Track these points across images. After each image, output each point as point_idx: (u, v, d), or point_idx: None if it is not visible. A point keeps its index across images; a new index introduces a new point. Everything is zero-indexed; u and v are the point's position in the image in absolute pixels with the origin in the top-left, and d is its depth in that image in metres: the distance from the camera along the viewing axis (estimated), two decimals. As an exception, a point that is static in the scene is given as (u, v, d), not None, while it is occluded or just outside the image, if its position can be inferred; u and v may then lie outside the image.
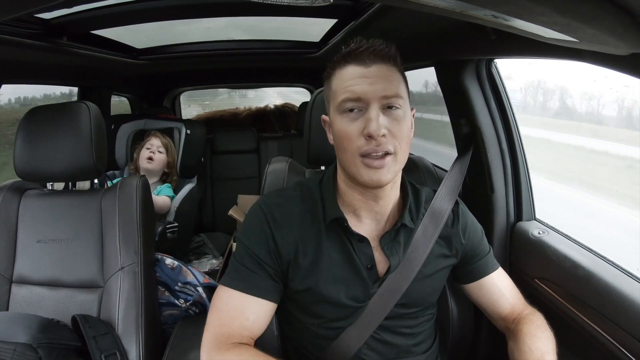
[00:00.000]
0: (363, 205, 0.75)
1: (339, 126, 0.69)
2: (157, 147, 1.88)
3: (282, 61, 2.13)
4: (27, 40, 1.15)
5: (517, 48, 0.82)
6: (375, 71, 0.68)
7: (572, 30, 0.45)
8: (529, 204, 1.10)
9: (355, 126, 0.67)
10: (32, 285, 1.07)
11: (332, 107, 0.72)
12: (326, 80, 0.74)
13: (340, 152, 0.71)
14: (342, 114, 0.69)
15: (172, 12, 1.29)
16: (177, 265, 1.24)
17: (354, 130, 0.67)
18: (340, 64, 0.70)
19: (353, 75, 0.68)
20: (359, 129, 0.67)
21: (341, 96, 0.68)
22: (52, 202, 1.13)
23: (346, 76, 0.69)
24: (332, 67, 0.73)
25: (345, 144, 0.68)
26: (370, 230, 0.76)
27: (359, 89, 0.67)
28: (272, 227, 0.74)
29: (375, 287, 0.74)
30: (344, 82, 0.69)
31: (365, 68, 0.68)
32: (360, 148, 0.67)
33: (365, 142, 0.66)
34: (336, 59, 0.72)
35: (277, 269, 0.74)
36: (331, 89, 0.72)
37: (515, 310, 0.82)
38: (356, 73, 0.68)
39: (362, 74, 0.68)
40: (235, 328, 0.70)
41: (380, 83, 0.67)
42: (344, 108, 0.68)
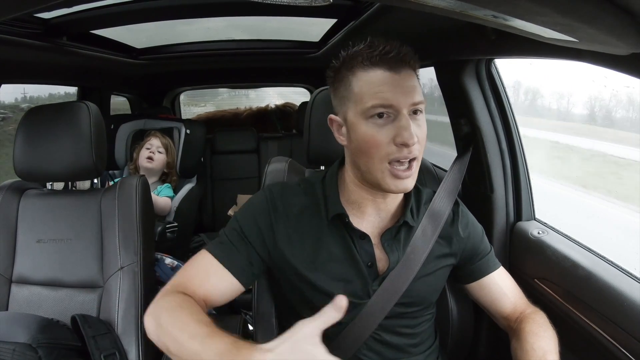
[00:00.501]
0: (369, 203, 0.75)
1: (365, 131, 0.67)
2: (157, 147, 1.88)
3: (282, 61, 2.13)
4: (27, 40, 1.15)
5: (517, 48, 0.82)
6: (405, 78, 0.67)
7: (572, 30, 0.45)
8: (529, 204, 1.10)
9: (384, 133, 0.66)
10: (31, 285, 1.07)
11: (353, 110, 0.69)
12: (339, 79, 0.72)
13: (363, 157, 0.69)
14: (368, 118, 0.67)
15: (172, 12, 1.29)
16: (177, 264, 1.24)
17: (383, 137, 0.66)
18: (364, 65, 0.68)
19: (383, 81, 0.67)
20: (389, 136, 0.66)
21: (370, 101, 0.66)
22: (51, 202, 1.13)
23: (375, 81, 0.67)
24: (349, 65, 0.70)
25: (373, 150, 0.67)
26: (372, 227, 0.76)
27: (391, 97, 0.66)
28: (272, 215, 0.75)
29: (375, 285, 0.74)
30: (373, 87, 0.67)
31: (396, 74, 0.67)
32: (390, 155, 0.67)
33: (395, 149, 0.66)
34: (355, 57, 0.69)
35: (263, 254, 0.75)
36: (352, 90, 0.69)
37: (517, 309, 0.82)
38: (386, 79, 0.67)
39: (393, 80, 0.67)
40: (193, 284, 0.70)
41: (410, 91, 0.67)
42: (372, 113, 0.67)
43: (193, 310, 0.63)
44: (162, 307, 0.66)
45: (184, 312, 0.63)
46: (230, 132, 2.72)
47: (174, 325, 0.61)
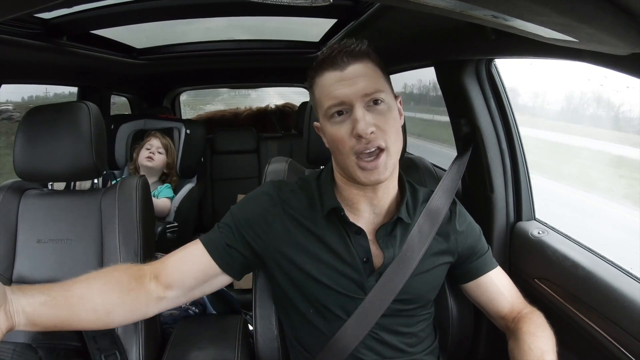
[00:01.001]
0: (361, 199, 0.77)
1: (330, 131, 0.72)
2: (157, 148, 1.88)
3: (282, 61, 2.13)
4: (27, 40, 1.15)
5: (517, 48, 0.82)
6: (351, 72, 0.70)
7: (572, 30, 0.45)
8: (529, 204, 1.10)
9: (344, 129, 0.70)
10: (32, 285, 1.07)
11: (320, 114, 0.74)
12: (310, 89, 0.77)
13: (336, 155, 0.74)
14: (329, 119, 0.71)
15: (172, 12, 1.29)
16: (177, 265, 1.24)
17: (343, 132, 0.70)
18: (318, 71, 0.73)
19: (331, 81, 0.70)
20: (348, 130, 0.69)
21: (325, 103, 0.71)
22: (51, 202, 1.13)
23: (326, 83, 0.71)
24: (312, 76, 0.75)
25: (339, 146, 0.71)
26: (368, 223, 0.77)
27: (339, 93, 0.69)
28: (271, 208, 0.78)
29: (371, 280, 0.75)
30: (325, 89, 0.71)
31: (341, 71, 0.70)
32: (353, 148, 0.69)
33: (356, 141, 0.69)
34: (314, 67, 0.74)
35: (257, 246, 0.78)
36: (315, 97, 0.75)
37: (514, 309, 0.82)
38: (334, 78, 0.70)
39: (339, 77, 0.70)
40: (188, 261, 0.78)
41: (359, 82, 0.69)
42: (330, 114, 0.71)
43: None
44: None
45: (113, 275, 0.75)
46: (230, 132, 2.72)
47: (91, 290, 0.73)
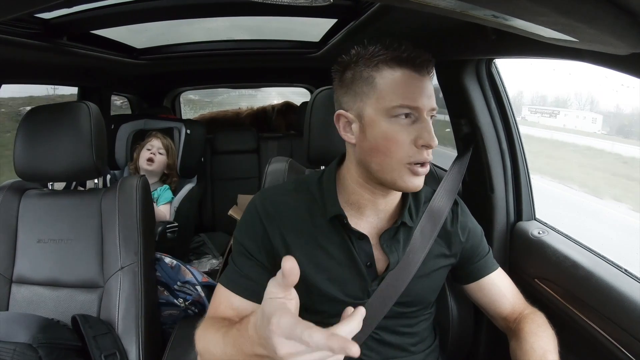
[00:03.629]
0: (369, 204, 0.75)
1: (387, 129, 0.67)
2: (158, 149, 1.88)
3: (282, 61, 2.13)
4: (27, 40, 1.15)
5: (517, 48, 0.82)
6: (428, 83, 0.69)
7: (572, 30, 0.45)
8: (529, 204, 1.10)
9: (407, 133, 0.67)
10: (32, 285, 1.07)
11: (374, 106, 0.68)
12: (359, 76, 0.70)
13: (379, 156, 0.69)
14: (392, 117, 0.67)
15: (173, 12, 1.29)
16: (176, 264, 1.25)
17: (405, 137, 0.67)
18: (391, 64, 0.68)
19: (411, 82, 0.67)
20: (411, 137, 0.67)
21: (397, 100, 0.66)
22: (52, 202, 1.13)
23: (403, 80, 0.67)
24: (373, 63, 0.69)
25: (393, 149, 0.67)
26: (371, 227, 0.76)
27: (418, 99, 0.67)
28: (264, 220, 0.75)
29: (374, 285, 0.74)
30: (400, 86, 0.67)
31: (422, 77, 0.68)
32: (411, 156, 0.67)
33: (416, 151, 0.67)
34: (378, 55, 0.68)
35: (266, 262, 0.75)
36: (374, 87, 0.68)
37: (516, 310, 0.82)
38: (414, 81, 0.67)
39: (420, 83, 0.68)
40: (221, 310, 0.73)
41: (432, 95, 0.69)
42: (398, 113, 0.67)
43: (215, 324, 0.67)
44: (197, 337, 0.69)
45: (208, 331, 0.67)
46: (230, 132, 2.72)
47: (205, 345, 0.65)
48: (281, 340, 0.44)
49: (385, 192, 0.73)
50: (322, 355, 0.44)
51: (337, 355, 0.43)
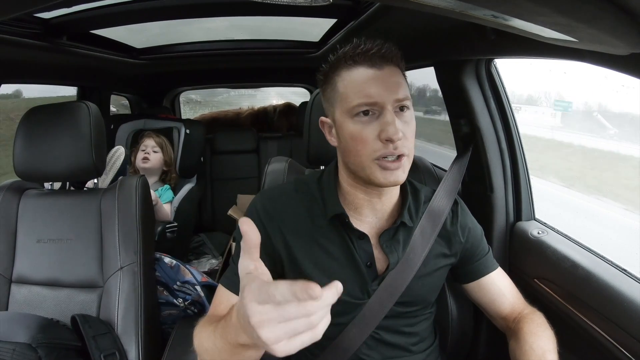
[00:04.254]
0: (365, 204, 0.75)
1: (351, 130, 0.68)
2: (152, 147, 1.89)
3: (282, 61, 2.13)
4: (27, 40, 1.15)
5: (517, 48, 0.82)
6: (387, 74, 0.67)
7: (572, 30, 0.45)
8: (529, 204, 1.10)
9: (370, 130, 0.66)
10: (31, 285, 1.07)
11: (340, 109, 0.70)
12: (327, 81, 0.72)
13: (351, 156, 0.69)
14: (354, 117, 0.67)
15: (172, 12, 1.29)
16: (176, 264, 1.25)
17: (368, 134, 0.66)
18: (347, 65, 0.69)
19: (366, 78, 0.67)
20: (375, 132, 0.66)
21: (355, 100, 0.67)
22: (51, 202, 1.13)
23: (358, 78, 0.67)
24: (335, 67, 0.70)
25: (359, 147, 0.67)
26: (371, 227, 0.76)
27: (374, 93, 0.66)
28: (265, 221, 0.75)
29: (375, 285, 0.74)
30: (356, 85, 0.67)
31: (378, 70, 0.67)
32: (377, 151, 0.66)
33: (381, 145, 0.66)
34: (340, 58, 0.69)
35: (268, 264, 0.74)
36: (337, 90, 0.70)
37: (515, 310, 0.82)
38: (369, 75, 0.67)
39: (375, 76, 0.67)
40: (221, 310, 0.72)
41: (393, 86, 0.67)
42: (357, 111, 0.67)
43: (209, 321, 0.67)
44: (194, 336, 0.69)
45: (203, 328, 0.66)
46: (230, 132, 2.72)
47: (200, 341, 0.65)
48: (253, 306, 0.42)
49: (378, 191, 0.73)
50: (295, 323, 0.41)
51: (312, 320, 0.41)
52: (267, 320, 0.41)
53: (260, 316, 0.42)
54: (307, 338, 0.42)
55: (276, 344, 0.42)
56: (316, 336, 0.43)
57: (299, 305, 0.41)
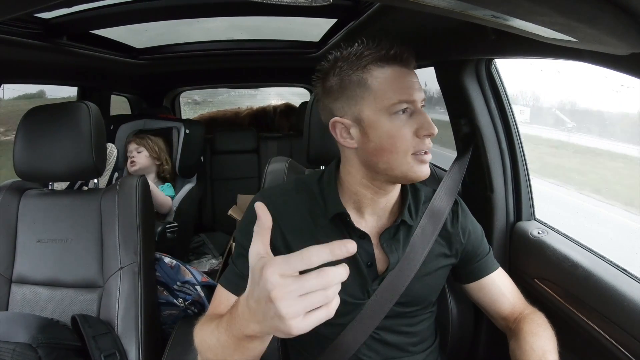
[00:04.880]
0: (369, 203, 0.75)
1: (389, 127, 0.68)
2: (135, 149, 1.89)
3: (282, 61, 2.13)
4: (27, 40, 1.15)
5: (517, 48, 0.82)
6: (414, 75, 0.71)
7: (572, 30, 0.45)
8: (529, 204, 1.10)
9: (408, 127, 0.68)
10: (31, 285, 1.07)
11: (373, 107, 0.68)
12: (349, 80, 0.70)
13: (384, 154, 0.69)
14: (392, 115, 0.68)
15: (173, 12, 1.29)
16: (176, 264, 1.24)
17: (407, 131, 0.68)
18: (380, 63, 0.69)
19: (403, 78, 0.69)
20: (412, 129, 0.68)
21: (394, 97, 0.68)
22: (51, 202, 1.13)
23: (395, 77, 0.69)
24: (361, 65, 0.69)
25: (398, 144, 0.68)
26: (371, 227, 0.76)
27: (412, 92, 0.68)
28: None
29: (375, 284, 0.74)
30: (394, 83, 0.68)
31: (409, 70, 0.70)
32: (415, 147, 0.69)
33: (419, 141, 0.68)
34: (366, 57, 0.69)
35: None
36: (369, 88, 0.68)
37: (516, 310, 0.82)
38: (405, 76, 0.69)
39: (410, 77, 0.70)
40: (220, 310, 0.72)
41: (420, 88, 0.70)
42: (398, 109, 0.68)
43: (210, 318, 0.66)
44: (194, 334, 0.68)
45: (204, 325, 0.66)
46: (230, 132, 2.72)
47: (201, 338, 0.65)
48: (275, 279, 0.43)
49: (388, 190, 0.74)
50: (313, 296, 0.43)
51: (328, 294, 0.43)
52: (287, 293, 0.43)
53: (281, 289, 0.43)
54: (323, 314, 0.44)
55: (294, 319, 0.43)
56: (330, 313, 0.44)
57: (319, 277, 0.43)
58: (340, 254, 0.43)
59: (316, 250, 0.43)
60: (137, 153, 1.89)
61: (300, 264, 0.43)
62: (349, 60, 0.70)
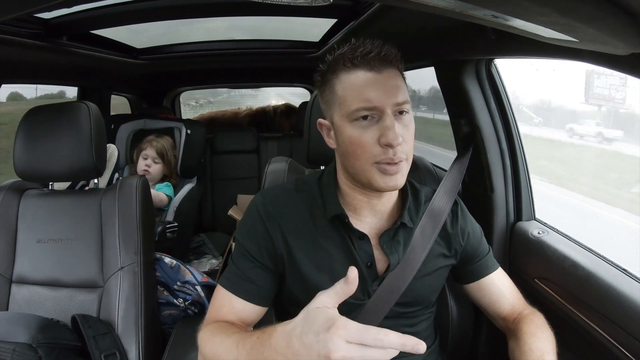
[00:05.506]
0: (365, 205, 0.75)
1: (351, 134, 0.67)
2: (153, 158, 1.88)
3: (282, 61, 2.13)
4: (27, 40, 1.15)
5: (517, 48, 0.82)
6: (386, 77, 0.66)
7: (572, 30, 0.45)
8: (529, 204, 1.10)
9: (369, 134, 0.66)
10: (31, 285, 1.07)
11: (339, 113, 0.69)
12: (325, 83, 0.71)
13: (351, 160, 0.69)
14: (353, 121, 0.66)
15: (172, 12, 1.29)
16: (176, 264, 1.24)
17: (368, 138, 0.65)
18: (347, 67, 0.67)
19: (365, 82, 0.66)
20: (374, 137, 0.65)
21: (354, 104, 0.66)
22: (51, 202, 1.13)
23: (357, 82, 0.66)
24: (333, 69, 0.69)
25: (359, 152, 0.66)
26: (370, 228, 0.76)
27: (374, 97, 0.65)
28: (265, 220, 0.74)
29: (375, 285, 0.74)
30: (355, 89, 0.66)
31: (377, 74, 0.66)
32: (377, 156, 0.66)
33: (381, 150, 0.65)
34: (338, 60, 0.68)
35: (269, 264, 0.75)
36: (336, 94, 0.69)
37: (515, 310, 0.82)
38: (368, 79, 0.66)
39: (375, 80, 0.66)
40: (223, 313, 0.73)
41: (392, 89, 0.66)
42: (356, 116, 0.66)
43: (225, 330, 0.67)
44: (202, 340, 0.69)
45: (217, 335, 0.66)
46: (230, 132, 2.72)
47: (213, 350, 0.65)
48: (340, 343, 0.46)
49: (377, 194, 0.73)
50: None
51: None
52: (349, 358, 0.46)
53: (344, 354, 0.46)
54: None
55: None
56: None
57: (382, 352, 0.46)
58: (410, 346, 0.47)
59: (393, 336, 0.47)
60: (154, 163, 1.88)
61: (372, 341, 0.47)
62: (329, 63, 0.71)
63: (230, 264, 0.76)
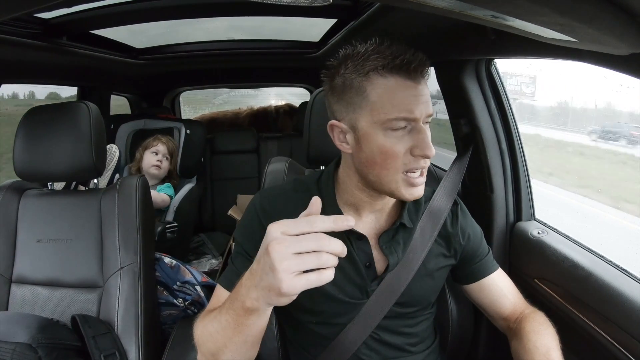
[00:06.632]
0: (367, 205, 0.75)
1: (383, 143, 0.65)
2: (164, 155, 1.90)
3: (282, 61, 2.13)
4: (27, 40, 1.15)
5: (517, 48, 0.82)
6: (423, 89, 0.65)
7: (572, 30, 0.45)
8: (529, 204, 1.10)
9: (403, 144, 0.65)
10: (31, 285, 1.07)
11: (369, 119, 0.65)
12: (346, 85, 0.67)
13: (375, 168, 0.67)
14: (386, 130, 0.64)
15: (172, 12, 1.29)
16: (176, 264, 1.25)
17: (401, 148, 0.65)
18: (382, 72, 0.64)
19: (406, 92, 0.64)
20: (406, 146, 0.65)
21: (393, 113, 0.63)
22: (51, 202, 1.13)
23: (397, 89, 0.64)
24: (363, 70, 0.65)
25: (389, 161, 0.65)
26: (370, 228, 0.76)
27: (415, 109, 0.63)
28: (264, 221, 0.74)
29: (374, 285, 0.74)
30: (395, 97, 0.63)
31: (416, 84, 0.64)
32: (406, 165, 0.65)
33: (412, 159, 0.65)
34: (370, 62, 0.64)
35: None
36: (367, 99, 0.65)
37: (516, 310, 0.82)
38: (409, 89, 0.64)
39: (415, 91, 0.64)
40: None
41: (427, 101, 0.65)
42: (394, 126, 0.64)
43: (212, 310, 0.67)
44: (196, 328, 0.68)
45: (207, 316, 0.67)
46: (230, 132, 2.72)
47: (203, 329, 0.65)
48: (277, 233, 0.48)
49: (382, 196, 0.73)
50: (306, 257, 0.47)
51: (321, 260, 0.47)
52: (284, 247, 0.47)
53: (278, 242, 0.47)
54: (314, 278, 0.47)
55: (285, 273, 0.46)
56: (321, 280, 0.47)
57: (314, 238, 0.47)
58: (342, 225, 0.48)
59: (321, 218, 0.48)
60: (165, 160, 1.90)
61: (305, 225, 0.48)
62: (354, 61, 0.66)
63: (230, 264, 0.77)
